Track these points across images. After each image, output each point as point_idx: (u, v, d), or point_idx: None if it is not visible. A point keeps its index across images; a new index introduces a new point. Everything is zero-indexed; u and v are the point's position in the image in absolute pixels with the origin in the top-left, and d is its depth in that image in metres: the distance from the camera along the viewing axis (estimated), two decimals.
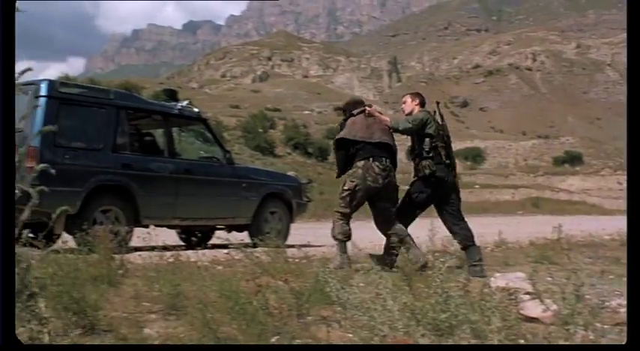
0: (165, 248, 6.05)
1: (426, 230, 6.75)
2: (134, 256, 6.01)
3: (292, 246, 8.48)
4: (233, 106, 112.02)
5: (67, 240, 7.77)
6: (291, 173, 13.59)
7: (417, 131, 7.29)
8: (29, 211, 1.57)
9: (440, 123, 7.40)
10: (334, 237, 7.24)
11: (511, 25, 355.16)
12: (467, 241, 7.14)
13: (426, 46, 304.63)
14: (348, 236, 7.21)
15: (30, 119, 8.10)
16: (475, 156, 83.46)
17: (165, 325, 3.81)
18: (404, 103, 7.82)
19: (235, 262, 5.89)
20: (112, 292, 4.55)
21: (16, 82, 1.59)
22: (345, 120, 7.67)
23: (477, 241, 7.14)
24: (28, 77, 2.38)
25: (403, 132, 7.40)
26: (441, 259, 3.31)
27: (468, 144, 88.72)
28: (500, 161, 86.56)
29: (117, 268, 5.22)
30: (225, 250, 6.99)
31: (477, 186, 61.39)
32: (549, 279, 4.80)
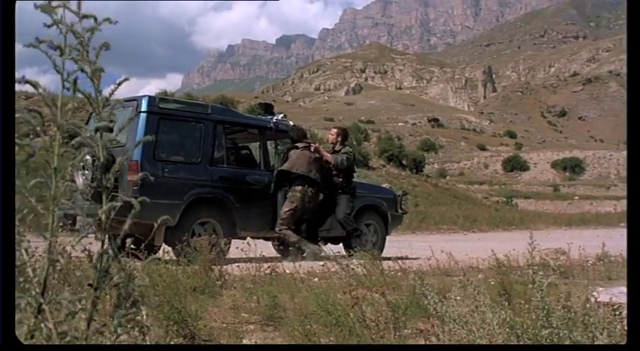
0: (263, 260, 6.11)
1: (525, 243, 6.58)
2: (232, 268, 6.09)
3: (388, 258, 8.42)
4: (327, 118, 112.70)
5: (167, 251, 7.96)
6: (385, 185, 13.53)
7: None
8: (131, 221, 1.60)
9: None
10: (294, 243, 9.33)
11: (610, 31, 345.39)
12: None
13: (521, 55, 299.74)
14: (301, 236, 9.44)
15: (131, 134, 8.34)
16: (574, 166, 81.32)
17: (263, 335, 3.84)
18: (331, 135, 10.43)
19: (331, 274, 5.89)
20: (210, 302, 4.62)
21: (115, 95, 1.63)
22: (289, 150, 9.72)
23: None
24: (128, 93, 2.45)
25: (342, 169, 9.75)
26: (541, 273, 3.20)
27: (566, 154, 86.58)
28: (600, 172, 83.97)
29: (215, 279, 5.30)
30: (321, 262, 7.00)
31: (577, 197, 59.76)
32: None
